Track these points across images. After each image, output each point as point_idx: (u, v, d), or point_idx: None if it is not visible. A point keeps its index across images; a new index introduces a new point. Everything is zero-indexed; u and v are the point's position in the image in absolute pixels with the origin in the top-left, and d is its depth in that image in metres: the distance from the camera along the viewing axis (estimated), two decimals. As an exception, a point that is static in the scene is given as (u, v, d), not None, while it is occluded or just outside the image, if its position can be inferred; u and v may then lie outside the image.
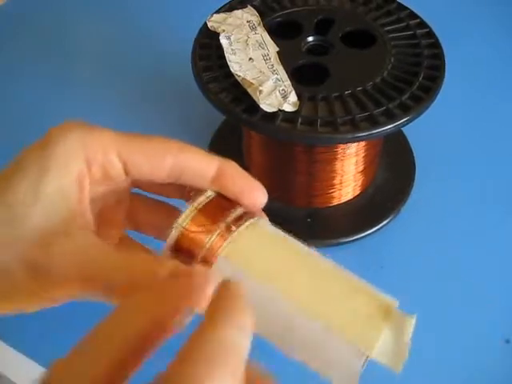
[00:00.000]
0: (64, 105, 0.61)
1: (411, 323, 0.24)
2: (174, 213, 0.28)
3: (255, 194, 0.29)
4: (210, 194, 0.28)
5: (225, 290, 0.21)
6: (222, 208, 0.28)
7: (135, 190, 0.32)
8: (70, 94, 0.62)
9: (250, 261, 0.26)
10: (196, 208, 0.27)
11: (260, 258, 0.26)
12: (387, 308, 0.25)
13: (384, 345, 0.24)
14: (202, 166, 0.29)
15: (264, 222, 0.28)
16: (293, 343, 0.25)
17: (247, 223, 0.27)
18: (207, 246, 0.26)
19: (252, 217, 0.28)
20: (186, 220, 0.27)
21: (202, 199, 0.28)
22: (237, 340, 0.19)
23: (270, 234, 0.27)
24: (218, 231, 0.26)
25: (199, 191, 0.29)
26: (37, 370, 0.40)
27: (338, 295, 0.25)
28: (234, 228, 0.27)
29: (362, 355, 0.24)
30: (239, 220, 0.27)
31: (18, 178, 0.26)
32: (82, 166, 0.27)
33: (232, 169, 0.29)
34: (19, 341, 0.42)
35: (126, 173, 0.28)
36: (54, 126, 0.28)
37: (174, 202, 0.32)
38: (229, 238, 0.26)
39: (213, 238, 0.26)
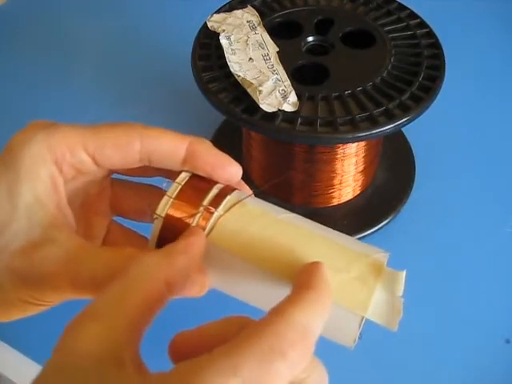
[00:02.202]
0: (63, 105, 0.61)
1: (401, 278, 0.24)
2: (156, 194, 0.28)
3: (227, 170, 0.28)
4: (184, 175, 0.28)
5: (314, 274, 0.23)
6: (198, 190, 0.27)
7: (115, 175, 0.32)
8: (69, 94, 0.62)
9: (233, 240, 0.26)
10: (172, 195, 0.27)
11: (245, 236, 0.26)
12: (377, 266, 0.24)
13: (378, 304, 0.24)
14: (171, 149, 0.28)
15: (243, 195, 0.28)
16: None
17: (226, 200, 0.27)
18: None
19: (230, 192, 0.28)
20: (164, 208, 0.27)
21: (176, 184, 0.27)
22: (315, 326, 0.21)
23: (251, 208, 0.27)
24: (199, 215, 0.26)
25: (174, 173, 0.28)
26: (36, 371, 0.40)
27: (328, 261, 0.25)
28: (212, 209, 0.26)
29: (356, 317, 0.24)
30: (217, 199, 0.27)
31: None
32: (52, 169, 0.27)
33: (201, 147, 0.28)
34: (19, 341, 0.42)
35: (98, 165, 0.28)
36: (16, 133, 0.27)
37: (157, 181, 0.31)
38: (210, 219, 0.26)
39: (194, 223, 0.26)
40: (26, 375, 0.41)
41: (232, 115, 0.40)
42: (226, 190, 0.28)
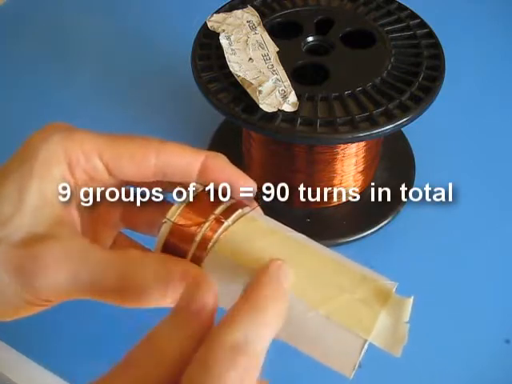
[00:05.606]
0: (64, 104, 0.61)
1: (408, 306, 0.24)
2: (168, 208, 0.28)
3: (241, 186, 0.28)
4: (197, 187, 0.28)
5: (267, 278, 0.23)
6: (210, 201, 0.28)
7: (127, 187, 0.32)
8: (69, 94, 0.62)
9: (241, 252, 0.26)
10: (184, 202, 0.27)
11: (252, 249, 0.26)
12: (384, 291, 0.24)
13: (382, 329, 0.24)
14: (186, 163, 0.28)
15: (254, 211, 0.28)
16: (290, 332, 0.25)
17: (236, 214, 0.27)
18: (198, 238, 0.26)
19: (242, 207, 0.28)
20: (174, 214, 0.27)
21: (189, 193, 0.28)
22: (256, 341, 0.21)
23: (260, 224, 0.27)
24: (208, 223, 0.26)
25: (187, 185, 0.28)
26: (36, 371, 0.40)
27: (334, 281, 0.25)
28: (223, 219, 0.27)
29: (358, 339, 0.23)
30: (229, 211, 0.27)
31: (2, 185, 0.26)
32: (65, 171, 0.27)
33: (216, 162, 0.29)
34: (19, 341, 0.42)
35: (111, 175, 0.28)
36: (34, 132, 0.28)
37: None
38: (219, 229, 0.26)
39: (203, 231, 0.26)
40: (26, 375, 0.41)
41: (232, 115, 0.40)
42: (238, 205, 0.28)
